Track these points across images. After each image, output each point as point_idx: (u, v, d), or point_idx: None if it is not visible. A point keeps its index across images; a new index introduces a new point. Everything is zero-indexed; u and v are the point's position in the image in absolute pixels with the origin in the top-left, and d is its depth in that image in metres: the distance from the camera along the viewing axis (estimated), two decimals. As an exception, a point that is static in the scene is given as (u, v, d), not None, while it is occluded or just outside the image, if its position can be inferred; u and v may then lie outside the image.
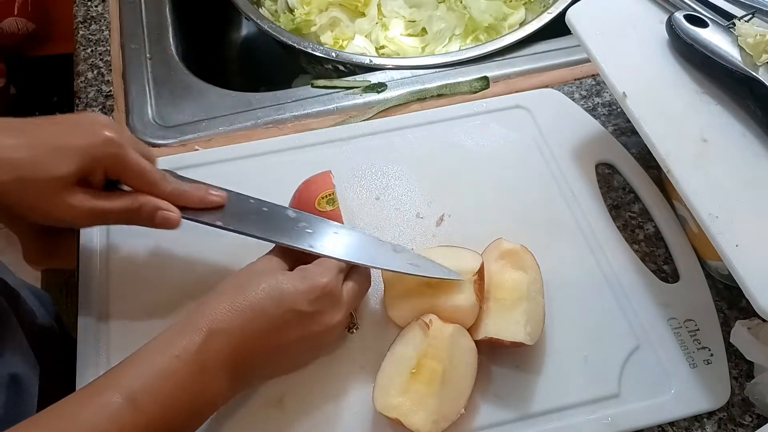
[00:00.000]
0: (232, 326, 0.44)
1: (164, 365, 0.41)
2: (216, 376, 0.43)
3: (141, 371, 0.41)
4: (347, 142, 0.68)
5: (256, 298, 0.45)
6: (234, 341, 0.44)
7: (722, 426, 0.53)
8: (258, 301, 0.45)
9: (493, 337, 0.51)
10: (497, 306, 0.53)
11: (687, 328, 0.56)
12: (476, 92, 0.73)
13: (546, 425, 0.52)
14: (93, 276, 0.59)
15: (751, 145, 0.54)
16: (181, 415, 0.42)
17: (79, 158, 0.45)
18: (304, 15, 0.89)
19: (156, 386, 0.41)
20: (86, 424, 0.38)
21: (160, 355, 0.42)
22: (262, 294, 0.45)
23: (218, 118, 0.72)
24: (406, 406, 0.48)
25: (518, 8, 0.90)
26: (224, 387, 0.44)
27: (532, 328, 0.52)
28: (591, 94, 0.73)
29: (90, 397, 0.40)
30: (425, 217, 0.63)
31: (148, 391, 0.40)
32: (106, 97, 0.74)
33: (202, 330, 0.43)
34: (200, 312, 0.44)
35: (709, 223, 0.49)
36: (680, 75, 0.58)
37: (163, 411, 0.40)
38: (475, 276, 0.52)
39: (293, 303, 0.46)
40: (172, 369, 0.41)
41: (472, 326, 0.53)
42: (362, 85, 0.74)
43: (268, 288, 0.46)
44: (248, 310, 0.44)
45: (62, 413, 0.39)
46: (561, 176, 0.65)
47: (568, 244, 0.61)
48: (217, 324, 0.43)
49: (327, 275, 0.48)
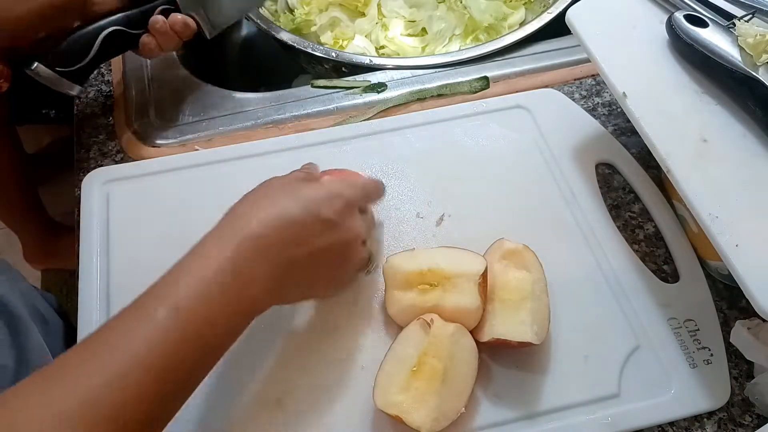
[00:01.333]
0: (261, 233, 0.45)
1: (201, 273, 0.42)
2: (251, 282, 0.44)
3: (180, 282, 0.42)
4: (347, 142, 0.68)
5: (283, 206, 0.46)
6: (264, 247, 0.45)
7: (722, 426, 0.53)
8: (285, 208, 0.46)
9: (501, 337, 0.51)
10: (503, 306, 0.53)
11: (687, 328, 0.56)
12: (476, 92, 0.73)
13: (546, 425, 0.52)
14: (93, 276, 0.59)
15: (751, 145, 0.54)
16: (222, 320, 0.42)
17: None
18: (304, 15, 0.89)
19: (196, 293, 0.41)
20: (134, 337, 0.39)
21: (196, 264, 0.43)
22: (290, 202, 0.47)
23: (218, 118, 0.72)
24: (406, 404, 0.48)
25: (518, 8, 0.90)
26: (261, 293, 0.45)
27: (538, 327, 0.52)
28: (591, 94, 0.73)
29: (134, 312, 0.41)
30: (425, 217, 0.63)
31: (190, 298, 0.41)
32: (106, 97, 0.74)
33: (233, 239, 0.44)
34: (230, 223, 0.46)
35: (709, 223, 0.49)
36: (680, 75, 0.58)
37: (206, 317, 0.41)
38: (479, 279, 0.52)
39: (318, 210, 0.47)
40: (209, 276, 0.42)
41: (478, 328, 0.53)
42: (362, 85, 0.74)
43: (294, 196, 0.47)
44: (276, 218, 0.46)
45: (112, 330, 0.40)
46: (561, 176, 0.65)
47: (568, 244, 0.61)
48: (247, 231, 0.44)
49: (346, 188, 0.50)
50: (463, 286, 0.52)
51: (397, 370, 0.50)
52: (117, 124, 0.71)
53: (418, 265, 0.54)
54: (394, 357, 0.51)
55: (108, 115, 0.72)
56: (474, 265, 0.53)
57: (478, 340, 0.52)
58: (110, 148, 0.70)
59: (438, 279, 0.54)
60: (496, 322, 0.52)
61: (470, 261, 0.54)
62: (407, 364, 0.50)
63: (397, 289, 0.55)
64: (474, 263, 0.53)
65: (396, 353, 0.51)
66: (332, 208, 0.48)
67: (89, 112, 0.73)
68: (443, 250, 0.56)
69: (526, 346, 0.51)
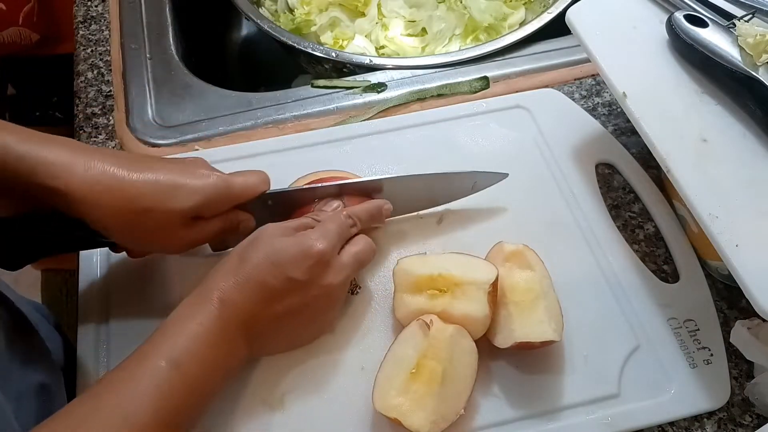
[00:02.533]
0: (238, 298, 0.48)
1: (194, 331, 0.46)
2: (235, 340, 0.48)
3: (176, 338, 0.46)
4: (347, 142, 0.68)
5: (255, 270, 0.48)
6: (242, 311, 0.48)
7: (722, 426, 0.53)
8: (258, 272, 0.48)
9: (523, 341, 0.50)
10: (518, 309, 0.53)
11: (687, 328, 0.56)
12: (476, 92, 0.73)
13: (546, 425, 0.52)
14: (93, 276, 0.59)
15: (751, 145, 0.54)
16: (216, 372, 0.47)
17: (197, 196, 0.50)
18: (304, 15, 0.89)
19: (193, 349, 0.45)
20: (139, 389, 0.43)
21: (189, 323, 0.46)
22: (261, 265, 0.48)
23: (218, 118, 0.72)
24: (405, 407, 0.48)
25: (518, 8, 0.90)
26: (243, 349, 0.49)
27: (555, 324, 0.51)
28: (591, 94, 0.73)
29: (137, 364, 0.44)
30: (425, 217, 0.63)
31: (188, 353, 0.45)
32: (106, 97, 0.74)
33: (215, 302, 0.47)
34: (211, 285, 0.48)
35: (709, 223, 0.49)
36: (680, 75, 0.58)
37: (203, 370, 0.45)
38: (489, 287, 0.52)
39: (288, 271, 0.48)
40: (201, 333, 0.46)
41: (495, 335, 0.52)
42: (362, 85, 0.74)
43: (265, 257, 0.49)
44: (251, 281, 0.48)
45: (116, 382, 0.44)
46: (561, 176, 0.65)
47: (568, 244, 0.61)
48: (226, 295, 0.47)
49: (324, 241, 0.50)
50: (472, 294, 0.52)
51: (396, 373, 0.50)
52: (117, 124, 0.71)
53: (429, 269, 0.54)
54: (393, 358, 0.51)
55: (108, 115, 0.72)
56: (485, 273, 0.53)
57: (496, 347, 0.52)
58: (110, 148, 0.70)
59: (448, 285, 0.53)
60: (515, 326, 0.51)
61: (481, 269, 0.53)
62: (406, 366, 0.50)
63: (406, 293, 0.54)
64: (485, 271, 0.53)
65: (395, 354, 0.51)
66: (303, 267, 0.49)
67: (89, 112, 0.73)
68: (455, 256, 0.56)
69: (548, 345, 0.51)
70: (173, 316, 0.47)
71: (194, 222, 0.52)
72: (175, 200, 0.49)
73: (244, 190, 0.54)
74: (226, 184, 0.52)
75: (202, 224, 0.52)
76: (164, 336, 0.46)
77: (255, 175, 0.55)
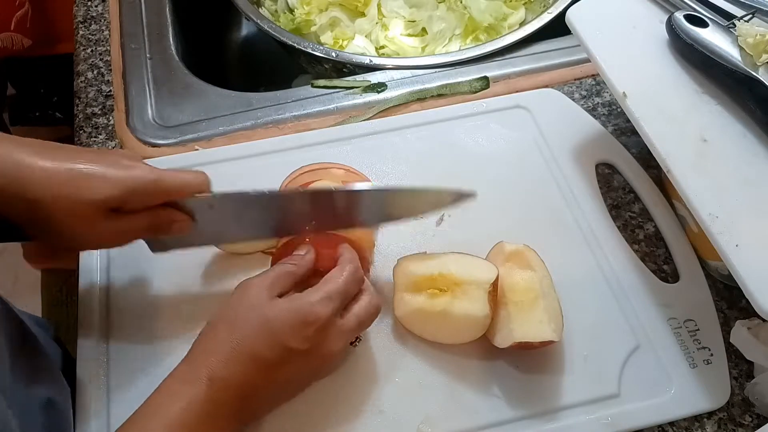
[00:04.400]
0: (230, 374, 0.45)
1: (176, 416, 0.43)
2: (223, 422, 0.45)
3: (156, 424, 0.43)
4: (347, 142, 0.68)
5: (247, 341, 0.45)
6: (235, 388, 0.45)
7: (722, 426, 0.53)
8: (251, 344, 0.45)
9: (522, 341, 0.50)
10: (517, 309, 0.53)
11: (687, 328, 0.56)
12: (476, 92, 0.73)
13: (546, 425, 0.52)
14: (93, 276, 0.59)
15: (751, 145, 0.54)
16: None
17: (114, 187, 0.47)
18: (304, 15, 0.89)
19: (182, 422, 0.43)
20: None
21: (172, 407, 0.44)
22: (254, 336, 0.45)
23: (218, 118, 0.72)
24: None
25: (518, 8, 0.90)
26: (233, 427, 0.47)
27: (555, 324, 0.51)
28: (591, 94, 0.73)
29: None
30: (425, 217, 0.63)
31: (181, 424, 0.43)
32: (106, 97, 0.74)
33: (203, 380, 0.44)
34: (198, 360, 0.46)
35: (709, 223, 0.49)
36: (680, 75, 0.58)
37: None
38: (490, 287, 0.52)
39: (287, 342, 0.45)
40: (185, 420, 0.43)
41: (495, 335, 0.52)
42: (362, 85, 0.74)
43: (259, 327, 0.46)
44: (243, 354, 0.45)
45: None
46: (561, 176, 0.65)
47: (568, 244, 0.61)
48: (216, 372, 0.45)
49: (322, 306, 0.46)
50: (472, 294, 0.52)
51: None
52: (117, 124, 0.71)
53: (429, 269, 0.54)
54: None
55: (108, 115, 0.72)
56: (485, 272, 0.53)
57: (496, 347, 0.52)
58: (110, 148, 0.70)
59: (448, 284, 0.53)
60: (514, 326, 0.51)
61: (482, 268, 0.53)
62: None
63: (406, 292, 0.54)
64: (485, 271, 0.53)
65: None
66: (301, 336, 0.46)
67: (89, 112, 0.73)
68: (455, 256, 0.56)
69: (547, 345, 0.51)
70: (156, 395, 0.45)
71: (116, 215, 0.48)
72: (88, 190, 0.46)
73: (173, 187, 0.49)
74: (153, 177, 0.48)
75: (126, 218, 0.49)
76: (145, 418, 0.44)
77: (192, 174, 0.51)
